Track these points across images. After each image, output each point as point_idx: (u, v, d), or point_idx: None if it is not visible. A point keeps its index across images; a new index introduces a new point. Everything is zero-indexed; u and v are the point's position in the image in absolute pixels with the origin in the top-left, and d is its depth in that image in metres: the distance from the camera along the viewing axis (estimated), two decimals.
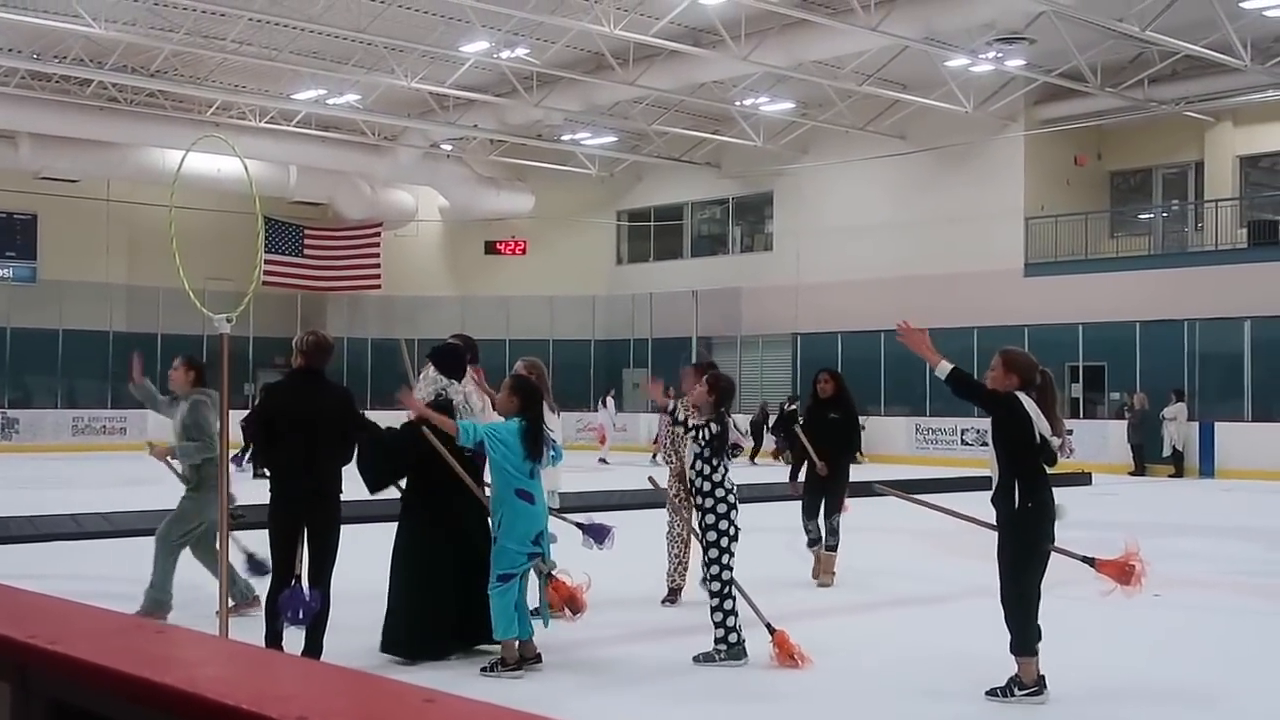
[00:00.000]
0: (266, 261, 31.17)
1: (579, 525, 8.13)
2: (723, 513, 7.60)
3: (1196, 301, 26.24)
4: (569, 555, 7.81)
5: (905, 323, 6.87)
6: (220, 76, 28.61)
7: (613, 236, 39.19)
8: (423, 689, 1.60)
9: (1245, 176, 29.34)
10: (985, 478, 7.01)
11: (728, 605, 7.53)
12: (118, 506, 14.76)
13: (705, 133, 32.56)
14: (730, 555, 7.62)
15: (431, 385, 7.88)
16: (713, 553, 7.59)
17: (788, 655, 7.48)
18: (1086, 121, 29.03)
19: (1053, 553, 6.84)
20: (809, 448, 10.77)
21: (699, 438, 7.64)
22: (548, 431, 7.48)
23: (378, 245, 35.47)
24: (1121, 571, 7.21)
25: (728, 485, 7.71)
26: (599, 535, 8.11)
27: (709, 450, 7.64)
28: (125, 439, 30.42)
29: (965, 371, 6.78)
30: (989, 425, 6.94)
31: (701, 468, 7.67)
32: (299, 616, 7.03)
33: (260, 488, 7.36)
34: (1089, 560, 7.26)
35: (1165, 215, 31.19)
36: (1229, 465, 25.05)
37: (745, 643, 7.54)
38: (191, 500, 8.79)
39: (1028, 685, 6.70)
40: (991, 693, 6.75)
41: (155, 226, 30.04)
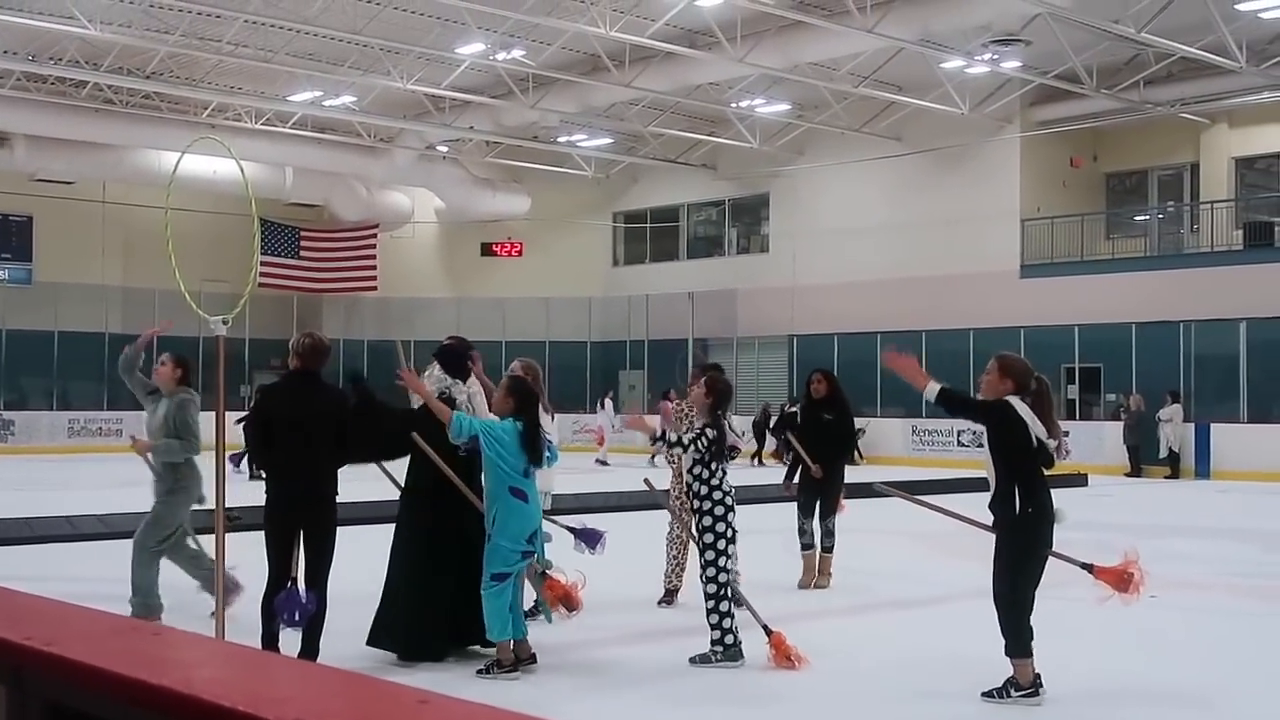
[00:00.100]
0: (262, 263, 31.19)
1: (571, 530, 8.13)
2: (720, 514, 7.61)
3: (1192, 303, 26.27)
4: (564, 555, 7.82)
5: (892, 353, 6.92)
6: (216, 78, 28.61)
7: (609, 238, 39.19)
8: (418, 690, 1.60)
9: (1241, 178, 29.39)
10: (982, 479, 7.02)
11: (723, 607, 7.53)
12: (113, 508, 14.71)
13: (701, 134, 32.57)
14: (727, 558, 7.62)
15: (436, 385, 7.88)
16: (709, 554, 7.59)
17: (784, 657, 7.48)
18: (1082, 123, 29.07)
19: (1051, 557, 6.85)
20: (800, 451, 10.77)
21: (698, 446, 7.64)
22: (543, 433, 7.48)
23: (374, 247, 35.48)
24: (1119, 579, 7.22)
25: (725, 488, 7.71)
26: (590, 540, 8.11)
27: (708, 455, 7.65)
28: (121, 441, 30.28)
29: (953, 390, 6.87)
30: (985, 430, 6.95)
31: (700, 472, 7.67)
32: (295, 618, 7.03)
33: (257, 489, 7.35)
34: (1087, 567, 7.28)
35: (1161, 217, 31.22)
36: (1225, 467, 25.06)
37: (742, 644, 7.54)
38: (165, 504, 8.71)
39: (1024, 686, 6.71)
40: (988, 694, 6.76)
41: (151, 228, 29.94)
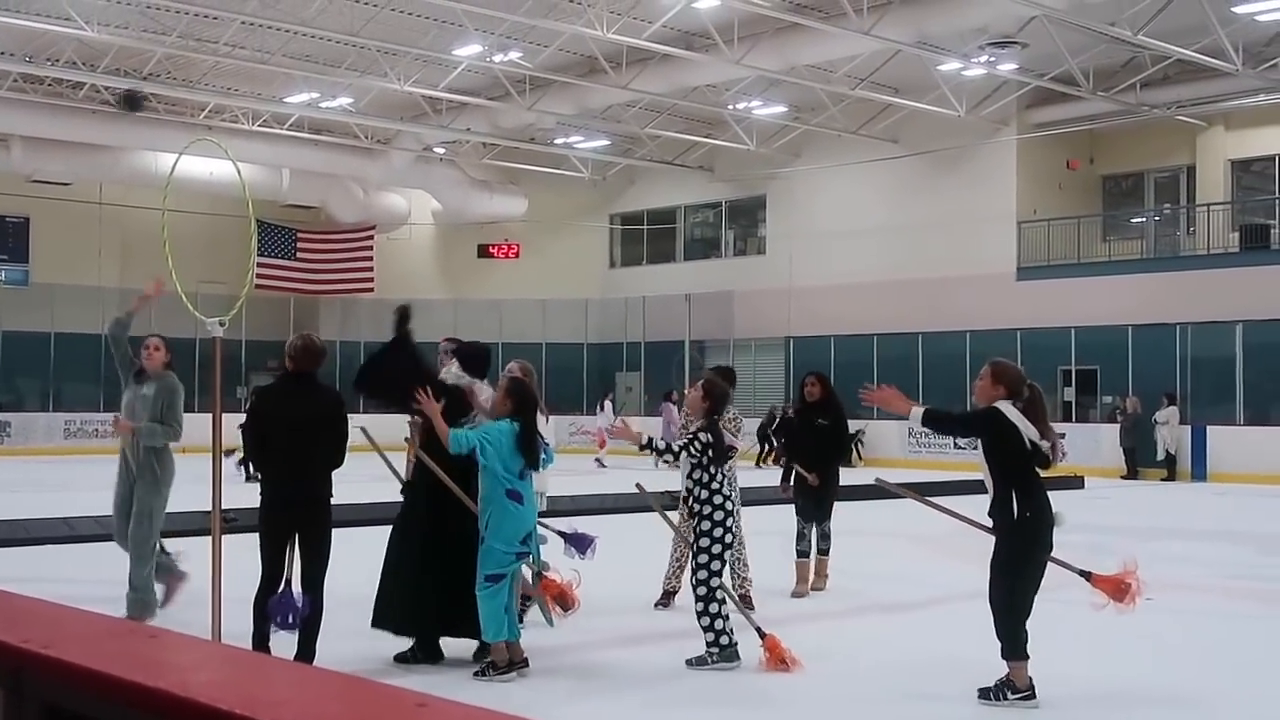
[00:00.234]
0: (259, 265, 31.17)
1: (561, 534, 8.11)
2: (719, 520, 7.57)
3: (1188, 305, 26.28)
4: (560, 556, 7.81)
5: (867, 390, 6.99)
6: (213, 80, 28.59)
7: (605, 240, 39.19)
8: (415, 693, 1.61)
9: (1237, 180, 29.40)
10: (979, 481, 7.02)
11: (714, 609, 7.50)
12: (110, 510, 14.66)
13: (698, 136, 32.58)
14: (722, 563, 7.61)
15: (454, 381, 7.87)
16: (702, 558, 7.56)
17: (779, 659, 7.47)
18: (1078, 125, 29.09)
19: (1049, 563, 6.86)
20: (800, 469, 10.72)
21: (690, 451, 7.63)
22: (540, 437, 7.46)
23: (370, 248, 35.47)
24: (1116, 588, 7.24)
25: (726, 492, 7.69)
26: (581, 545, 8.09)
27: (705, 459, 7.63)
28: (117, 442, 30.26)
29: (937, 409, 7.05)
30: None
31: (699, 476, 7.65)
32: (289, 621, 7.02)
33: (253, 491, 7.35)
34: (1085, 574, 7.30)
35: (1157, 219, 31.25)
36: (1221, 469, 25.07)
37: (738, 645, 7.54)
38: (153, 495, 8.69)
39: (1020, 689, 6.70)
40: (983, 694, 6.76)
41: (148, 230, 29.90)
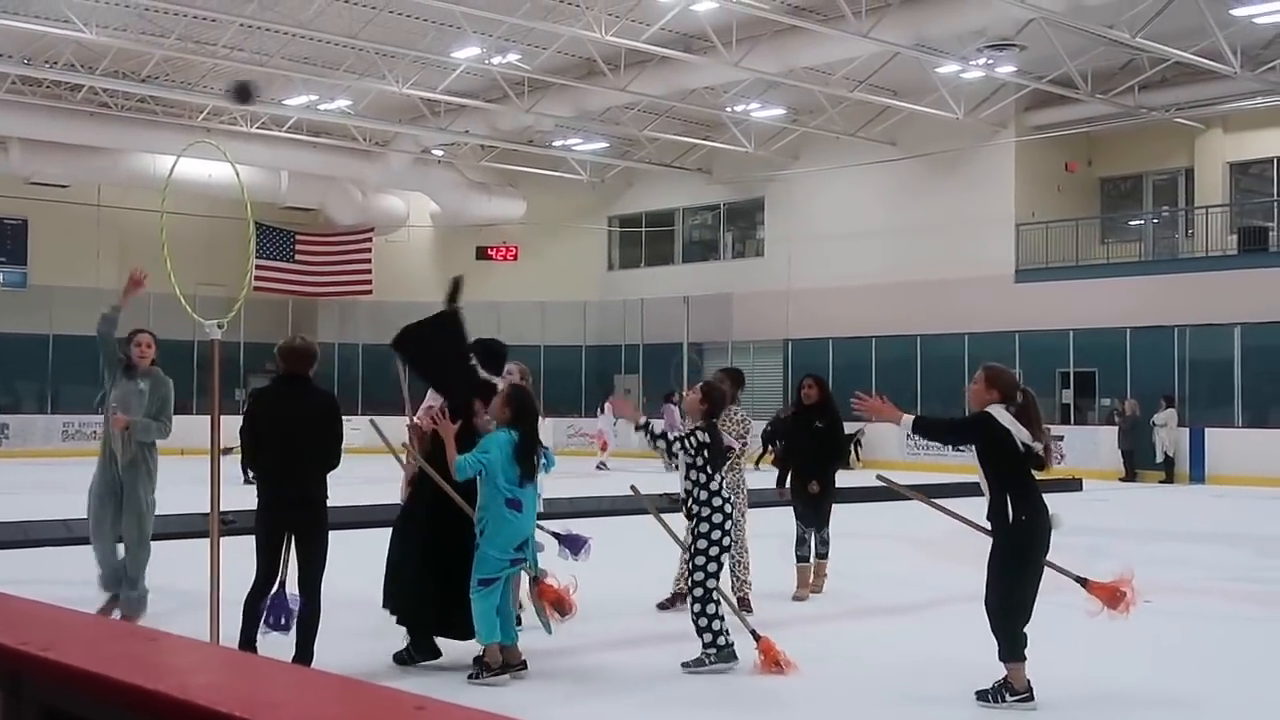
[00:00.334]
0: (258, 267, 31.16)
1: (555, 535, 8.11)
2: (717, 522, 7.55)
3: (1187, 308, 26.30)
4: (557, 561, 7.80)
5: (859, 398, 7.03)
6: (211, 82, 28.57)
7: (604, 242, 39.18)
8: (414, 696, 1.60)
9: (1235, 183, 29.41)
10: (977, 483, 7.02)
11: (710, 609, 7.49)
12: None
13: (696, 138, 32.59)
14: (720, 564, 7.59)
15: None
16: (699, 559, 7.55)
17: (773, 662, 7.47)
18: (1077, 128, 29.10)
19: (1046, 568, 6.87)
20: (791, 468, 10.72)
21: (685, 447, 7.61)
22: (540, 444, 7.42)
23: (369, 251, 35.43)
24: (1112, 596, 7.26)
25: (725, 494, 7.68)
26: (574, 546, 8.09)
27: (701, 459, 7.61)
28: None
29: (927, 417, 7.43)
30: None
31: (696, 476, 7.62)
32: (280, 622, 7.01)
33: (252, 493, 7.35)
34: (1082, 581, 7.32)
35: (1156, 221, 31.25)
36: (1219, 471, 25.08)
37: (734, 645, 7.53)
38: (147, 489, 8.71)
39: (1019, 691, 6.70)
40: (981, 696, 6.76)
41: (146, 232, 29.90)
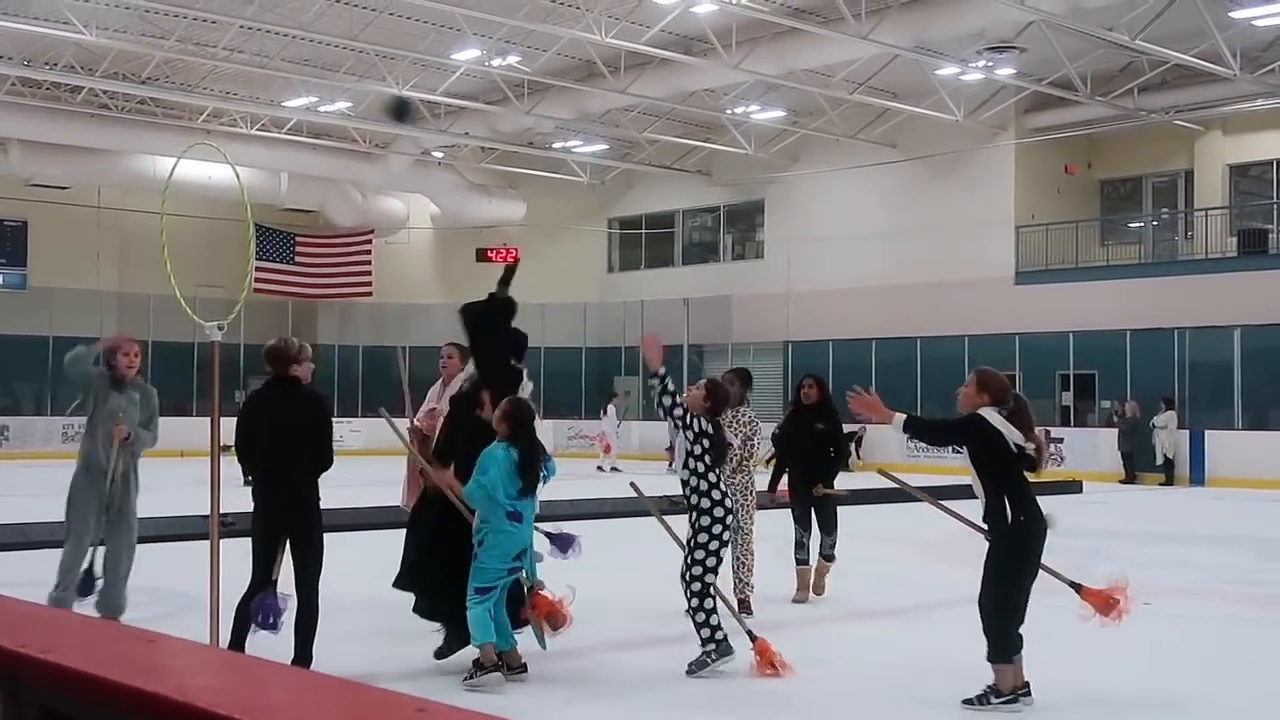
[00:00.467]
0: (257, 269, 31.15)
1: (546, 534, 8.12)
2: (719, 516, 7.53)
3: (1187, 310, 26.30)
4: (555, 570, 7.78)
5: (854, 392, 6.99)
6: (211, 84, 28.60)
7: (604, 244, 39.19)
8: (414, 698, 1.61)
9: (1235, 185, 29.42)
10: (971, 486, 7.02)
11: (708, 605, 7.49)
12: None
13: (696, 141, 32.60)
14: (718, 560, 7.58)
15: (467, 385, 7.86)
16: (698, 554, 7.53)
17: (768, 664, 7.46)
18: (1077, 130, 29.11)
19: (1041, 572, 6.87)
20: (787, 469, 10.69)
21: (686, 423, 7.51)
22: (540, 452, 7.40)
23: (369, 253, 35.42)
24: (1105, 603, 7.25)
25: (724, 489, 7.67)
26: (564, 544, 8.08)
27: (699, 448, 7.59)
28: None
29: (917, 417, 7.23)
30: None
31: (695, 465, 7.57)
32: (269, 622, 7.00)
33: (248, 495, 7.36)
34: (1076, 586, 7.31)
35: (1155, 224, 31.26)
36: (1219, 473, 25.09)
37: (728, 636, 7.50)
38: (135, 496, 8.66)
39: (1004, 693, 6.67)
40: (968, 701, 6.73)
41: (146, 233, 29.96)
